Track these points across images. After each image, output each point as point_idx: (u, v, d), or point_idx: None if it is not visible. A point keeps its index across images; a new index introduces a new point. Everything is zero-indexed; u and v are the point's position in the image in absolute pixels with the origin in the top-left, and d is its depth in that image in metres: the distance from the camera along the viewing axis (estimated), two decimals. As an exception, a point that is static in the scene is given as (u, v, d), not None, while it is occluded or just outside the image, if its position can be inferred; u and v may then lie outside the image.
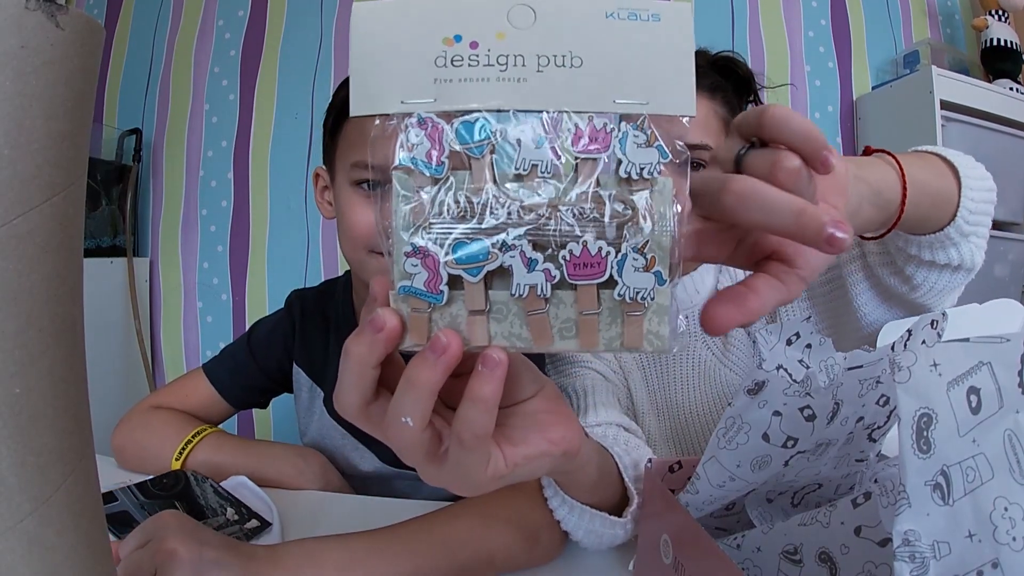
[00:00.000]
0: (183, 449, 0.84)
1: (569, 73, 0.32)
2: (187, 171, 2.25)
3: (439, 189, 0.31)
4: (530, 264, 0.31)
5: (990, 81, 2.04)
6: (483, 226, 0.31)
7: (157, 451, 0.85)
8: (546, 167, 0.32)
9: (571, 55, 0.32)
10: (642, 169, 0.32)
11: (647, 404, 0.93)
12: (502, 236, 0.31)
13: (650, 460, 0.62)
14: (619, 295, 0.31)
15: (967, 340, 0.35)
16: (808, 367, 0.55)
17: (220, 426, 0.96)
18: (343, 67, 2.09)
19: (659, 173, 0.32)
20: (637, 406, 0.93)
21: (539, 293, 0.31)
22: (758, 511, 0.59)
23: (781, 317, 0.89)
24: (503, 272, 0.31)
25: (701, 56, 0.91)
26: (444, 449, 0.34)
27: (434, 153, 0.31)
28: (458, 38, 0.32)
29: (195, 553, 0.53)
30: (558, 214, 0.31)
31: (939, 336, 0.45)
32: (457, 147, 0.32)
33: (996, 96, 1.92)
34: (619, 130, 0.32)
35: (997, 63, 2.06)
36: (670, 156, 0.32)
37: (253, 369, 1.04)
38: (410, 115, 0.32)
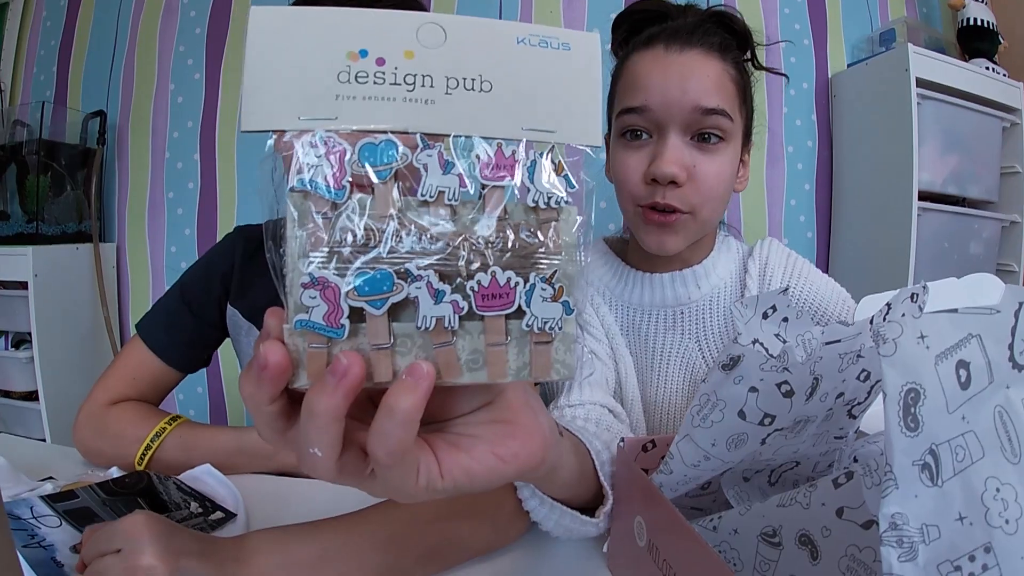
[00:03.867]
0: (144, 452, 0.82)
1: (478, 97, 0.32)
2: (153, 153, 2.20)
3: (339, 215, 0.29)
4: (437, 295, 0.30)
5: (966, 60, 2.04)
6: (387, 255, 0.29)
7: (123, 454, 0.83)
8: (453, 194, 0.31)
9: (481, 79, 0.32)
10: (550, 198, 0.32)
11: (635, 391, 0.91)
12: (407, 266, 0.29)
13: (622, 439, 0.60)
14: (527, 325, 0.31)
15: (955, 311, 0.33)
16: (785, 341, 0.53)
17: (192, 410, 0.93)
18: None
19: (566, 203, 0.32)
20: (625, 392, 0.91)
21: (447, 325, 0.30)
22: (734, 490, 0.57)
23: None
24: (407, 303, 0.30)
25: (694, 11, 0.89)
26: (371, 469, 0.32)
27: (334, 176, 0.29)
28: (364, 53, 0.31)
29: (173, 565, 0.50)
30: (466, 243, 0.30)
31: (920, 309, 0.43)
32: (360, 170, 0.30)
33: (972, 75, 1.92)
34: (527, 158, 0.32)
35: (974, 42, 2.06)
36: (576, 186, 0.32)
37: (188, 320, 0.97)
38: (308, 133, 0.30)
